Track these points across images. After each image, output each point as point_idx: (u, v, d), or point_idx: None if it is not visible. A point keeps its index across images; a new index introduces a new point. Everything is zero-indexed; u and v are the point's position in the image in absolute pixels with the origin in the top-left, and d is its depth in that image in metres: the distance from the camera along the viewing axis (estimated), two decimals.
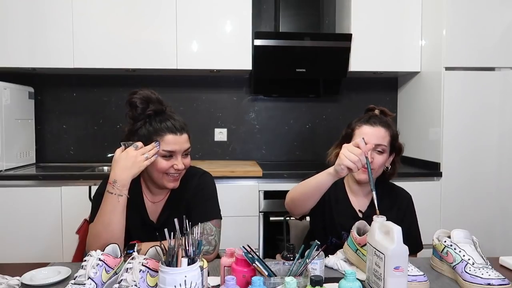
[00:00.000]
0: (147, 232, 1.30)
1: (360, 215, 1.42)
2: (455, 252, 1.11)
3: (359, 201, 1.45)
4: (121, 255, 1.10)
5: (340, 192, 1.46)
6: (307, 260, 1.02)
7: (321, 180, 1.25)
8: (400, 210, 1.45)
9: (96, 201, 1.32)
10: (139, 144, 1.24)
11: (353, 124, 1.43)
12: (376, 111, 1.46)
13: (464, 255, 1.09)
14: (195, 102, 2.88)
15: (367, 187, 1.39)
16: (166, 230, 0.91)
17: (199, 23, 2.49)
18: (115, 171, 1.23)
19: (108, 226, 1.21)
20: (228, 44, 2.51)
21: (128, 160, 1.22)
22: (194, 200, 1.36)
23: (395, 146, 1.43)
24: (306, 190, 1.31)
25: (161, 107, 1.32)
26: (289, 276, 0.99)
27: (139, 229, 1.33)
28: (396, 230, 0.97)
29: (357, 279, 0.98)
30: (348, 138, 1.41)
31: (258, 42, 2.49)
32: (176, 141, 1.28)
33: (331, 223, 1.43)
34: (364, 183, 1.40)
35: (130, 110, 1.31)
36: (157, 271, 0.93)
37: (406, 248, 0.96)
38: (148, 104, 1.29)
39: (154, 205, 1.40)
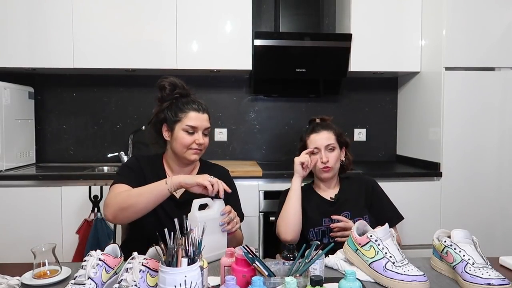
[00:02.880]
0: (169, 206, 1.42)
1: (333, 200, 1.64)
2: (455, 252, 1.11)
3: (329, 193, 1.66)
4: (121, 255, 1.10)
5: (309, 194, 1.67)
6: (306, 260, 1.02)
7: (296, 186, 1.57)
8: (368, 196, 1.64)
9: (122, 169, 1.50)
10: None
11: (303, 137, 1.70)
12: (317, 120, 1.74)
13: (464, 255, 1.09)
14: None
15: (332, 182, 1.68)
16: (166, 230, 0.91)
17: (199, 23, 2.49)
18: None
19: (140, 195, 1.31)
20: (228, 44, 2.51)
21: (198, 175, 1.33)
22: (231, 200, 1.45)
23: (341, 142, 1.67)
24: (296, 203, 1.56)
25: (186, 92, 1.50)
26: (289, 276, 0.99)
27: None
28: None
29: (357, 279, 0.98)
30: (303, 149, 1.67)
31: (258, 42, 2.49)
32: (198, 118, 1.45)
33: (307, 217, 1.59)
34: (326, 180, 1.65)
35: (159, 92, 1.49)
36: (157, 271, 0.93)
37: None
38: (175, 88, 1.48)
39: None
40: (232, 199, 1.52)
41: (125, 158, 2.68)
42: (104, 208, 1.35)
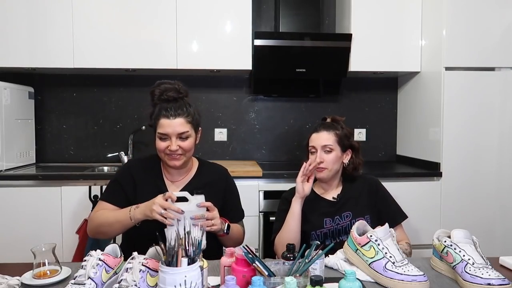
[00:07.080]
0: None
1: (335, 200, 1.60)
2: (455, 252, 1.11)
3: (331, 194, 1.63)
4: (121, 255, 1.10)
5: (309, 196, 1.58)
6: (306, 260, 1.02)
7: (297, 208, 1.50)
8: (371, 195, 1.61)
9: (112, 183, 1.50)
10: (172, 197, 1.30)
11: (308, 136, 1.67)
12: (328, 120, 1.69)
13: (464, 255, 1.09)
14: (195, 102, 2.84)
15: (333, 183, 1.62)
16: (166, 229, 0.91)
17: (199, 23, 2.49)
18: (145, 204, 1.34)
19: (110, 225, 1.40)
20: (228, 44, 2.51)
21: (149, 204, 1.30)
22: (230, 198, 1.56)
23: (345, 145, 1.60)
24: (294, 225, 1.50)
25: (176, 95, 1.45)
26: (289, 276, 0.99)
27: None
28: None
29: (357, 279, 0.99)
30: (307, 147, 1.65)
31: (258, 42, 2.49)
32: (169, 125, 1.39)
33: (308, 220, 1.55)
34: (324, 181, 1.61)
35: (151, 97, 1.46)
36: (157, 271, 0.93)
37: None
38: (163, 93, 1.43)
39: (173, 184, 1.51)
40: (232, 197, 1.55)
41: (125, 158, 2.68)
42: (87, 223, 1.47)
